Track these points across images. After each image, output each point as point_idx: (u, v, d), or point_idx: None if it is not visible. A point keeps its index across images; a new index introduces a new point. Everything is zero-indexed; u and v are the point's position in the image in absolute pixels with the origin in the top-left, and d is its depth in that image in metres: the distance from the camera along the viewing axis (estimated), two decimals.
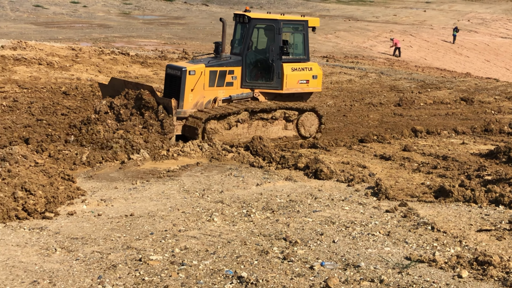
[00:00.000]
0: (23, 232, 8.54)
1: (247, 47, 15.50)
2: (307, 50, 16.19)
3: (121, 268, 7.20)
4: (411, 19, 59.98)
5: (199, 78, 14.85)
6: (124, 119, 14.19)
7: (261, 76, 15.85)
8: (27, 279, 6.83)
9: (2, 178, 10.19)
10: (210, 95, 15.17)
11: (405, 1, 77.34)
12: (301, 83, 16.02)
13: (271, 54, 15.59)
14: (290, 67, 15.77)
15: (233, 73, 15.43)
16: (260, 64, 15.88)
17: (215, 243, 8.13)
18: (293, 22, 16.18)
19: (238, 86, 15.55)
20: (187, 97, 14.74)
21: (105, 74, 23.14)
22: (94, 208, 9.84)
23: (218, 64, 15.27)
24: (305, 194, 10.70)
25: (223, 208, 9.82)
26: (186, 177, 11.87)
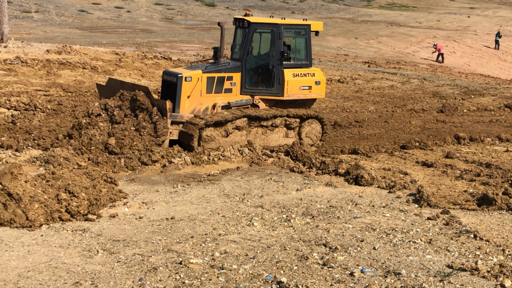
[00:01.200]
0: (66, 233, 8.68)
1: (246, 52, 14.85)
2: (310, 55, 15.50)
3: (161, 271, 7.26)
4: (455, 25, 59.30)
5: (196, 85, 14.28)
6: (117, 121, 13.79)
7: (261, 82, 15.21)
8: (70, 280, 6.93)
9: (47, 180, 10.37)
10: (207, 102, 14.56)
11: (449, 7, 76.50)
12: (303, 89, 15.29)
13: (272, 59, 14.93)
14: (291, 73, 15.08)
15: (232, 79, 14.80)
16: (260, 69, 15.25)
17: (255, 248, 8.14)
18: (294, 27, 15.52)
19: (237, 92, 14.91)
20: (183, 104, 14.21)
21: (148, 78, 23.39)
22: (136, 211, 9.94)
23: (216, 70, 14.70)
24: (345, 200, 10.65)
25: (263, 213, 9.83)
26: (226, 182, 11.92)
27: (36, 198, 9.36)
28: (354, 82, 26.22)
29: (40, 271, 7.15)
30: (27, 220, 8.94)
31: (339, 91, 23.71)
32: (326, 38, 44.80)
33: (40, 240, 8.30)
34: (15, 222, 8.87)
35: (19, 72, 22.29)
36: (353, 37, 46.07)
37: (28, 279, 6.92)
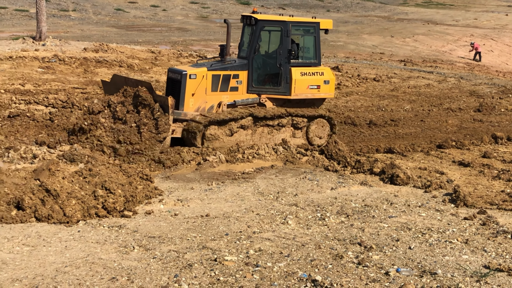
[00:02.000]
0: (102, 229, 8.78)
1: (253, 50, 14.63)
2: (319, 54, 15.20)
3: (196, 268, 7.31)
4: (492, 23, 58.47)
5: (201, 82, 14.10)
6: (120, 117, 13.62)
7: (268, 81, 14.96)
8: (106, 276, 7.01)
9: (84, 177, 10.50)
10: (213, 100, 14.35)
11: (486, 5, 75.45)
12: (311, 89, 14.96)
13: (279, 57, 14.66)
14: (299, 72, 14.77)
15: (238, 77, 14.55)
16: (267, 68, 15.01)
17: (289, 246, 8.14)
18: (303, 24, 15.24)
19: (243, 91, 14.66)
20: (187, 101, 14.02)
21: None
22: (171, 208, 10.02)
23: (222, 68, 14.46)
24: (380, 199, 10.59)
25: (297, 211, 9.83)
26: (260, 180, 11.93)
27: (73, 195, 9.48)
28: (389, 80, 26.03)
29: (77, 267, 7.25)
30: (64, 216, 9.07)
31: (375, 90, 23.57)
32: (362, 36, 44.56)
33: (77, 236, 8.41)
34: (53, 218, 9.01)
35: (57, 70, 22.61)
36: (389, 36, 45.72)
37: (66, 274, 7.02)
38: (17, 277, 6.91)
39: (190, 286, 6.81)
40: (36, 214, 9.04)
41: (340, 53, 36.20)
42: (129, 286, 6.77)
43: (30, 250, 7.77)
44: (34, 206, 9.12)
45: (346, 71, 27.39)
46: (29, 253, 7.69)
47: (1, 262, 7.32)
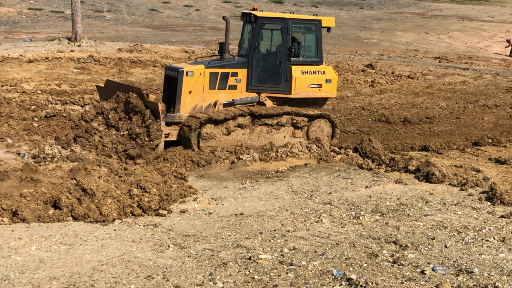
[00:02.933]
0: (138, 228, 8.86)
1: (253, 48, 14.31)
2: (320, 52, 14.87)
3: (231, 266, 7.33)
4: None
5: (198, 80, 13.86)
6: (112, 124, 13.46)
7: (268, 79, 14.65)
8: (142, 274, 7.07)
9: (119, 176, 10.62)
10: (210, 98, 14.11)
11: None
12: (312, 88, 14.68)
13: (279, 55, 14.39)
14: (299, 70, 14.51)
15: (237, 75, 14.29)
16: (267, 66, 14.68)
17: (324, 244, 8.12)
18: (304, 22, 14.89)
19: (242, 89, 14.41)
20: (184, 100, 13.80)
21: None
22: (205, 207, 10.06)
23: (220, 65, 14.21)
24: (415, 198, 10.50)
25: (332, 209, 9.80)
26: (294, 178, 11.93)
27: (109, 194, 9.59)
28: (424, 77, 25.79)
29: (113, 265, 7.32)
30: (100, 215, 9.18)
31: (409, 87, 23.38)
32: (396, 33, 44.22)
33: (113, 235, 8.50)
34: (89, 217, 9.12)
35: (92, 71, 22.87)
36: (423, 32, 45.29)
37: (102, 272, 7.10)
38: (55, 275, 7.01)
39: (225, 285, 6.84)
40: (73, 213, 9.16)
41: (374, 51, 35.97)
42: (164, 284, 6.82)
43: (67, 249, 7.88)
44: (70, 205, 9.25)
45: (380, 68, 27.22)
46: (66, 251, 7.79)
47: (39, 261, 7.43)
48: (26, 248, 7.85)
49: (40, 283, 6.79)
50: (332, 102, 19.89)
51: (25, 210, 9.13)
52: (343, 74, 24.66)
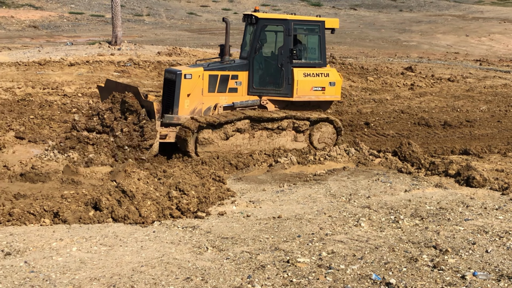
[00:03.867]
0: (176, 230, 8.91)
1: (254, 50, 14.02)
2: (324, 54, 14.50)
3: (269, 269, 7.33)
4: None
5: (197, 83, 13.60)
6: (108, 125, 13.27)
7: (269, 82, 14.31)
8: (181, 276, 7.12)
9: (158, 178, 10.71)
10: (210, 101, 13.82)
11: None
12: (315, 91, 14.27)
13: (280, 57, 14.07)
14: (302, 73, 14.11)
15: (237, 78, 13.98)
16: (269, 68, 14.38)
17: (363, 248, 8.07)
18: (306, 23, 14.58)
19: (243, 92, 14.09)
20: (182, 103, 13.51)
21: None
22: (243, 209, 10.08)
23: (220, 68, 13.93)
24: (456, 202, 10.37)
25: (370, 213, 9.74)
26: (332, 182, 11.88)
27: (148, 196, 9.68)
28: (465, 80, 25.46)
29: (152, 266, 7.38)
30: (140, 217, 9.26)
31: (449, 90, 23.11)
32: (435, 36, 43.77)
33: (152, 236, 8.57)
34: (129, 219, 9.21)
35: (132, 74, 23.11)
36: (463, 35, 44.75)
37: (142, 273, 7.16)
38: (95, 276, 7.09)
39: (263, 287, 6.84)
40: (113, 214, 9.26)
41: (413, 53, 35.67)
42: (203, 286, 6.85)
43: (107, 250, 7.97)
44: (111, 206, 9.35)
45: (419, 71, 26.96)
46: (106, 252, 7.88)
47: (80, 262, 7.53)
48: (67, 249, 7.96)
49: (81, 283, 6.88)
50: (371, 105, 19.78)
51: (66, 212, 9.27)
52: (382, 77, 24.49)
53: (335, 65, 26.48)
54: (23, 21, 45.57)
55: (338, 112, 18.46)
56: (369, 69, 26.18)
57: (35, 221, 9.08)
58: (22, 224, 8.96)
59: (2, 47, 30.98)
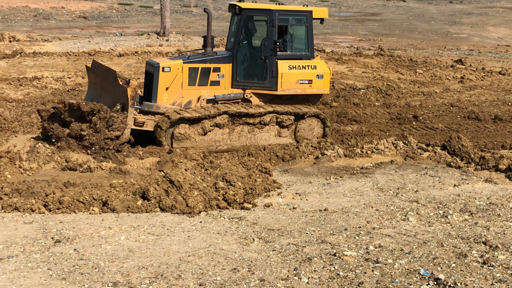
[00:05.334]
0: (223, 221, 8.95)
1: (238, 41, 13.44)
2: (311, 46, 13.85)
3: (316, 262, 7.31)
4: None
5: (176, 76, 13.12)
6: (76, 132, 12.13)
7: (253, 74, 13.75)
8: (228, 266, 7.15)
9: (205, 169, 10.76)
10: (190, 94, 13.32)
11: None
12: (301, 84, 13.66)
13: (264, 49, 13.48)
14: (287, 65, 13.53)
15: (219, 70, 13.47)
16: (252, 61, 13.81)
17: (411, 243, 7.98)
18: (292, 13, 13.98)
19: (226, 85, 13.57)
20: (160, 96, 13.07)
21: None
22: (290, 201, 10.07)
23: (200, 60, 13.40)
24: (506, 197, 10.17)
25: (418, 208, 9.62)
26: (379, 175, 11.77)
27: (195, 186, 9.73)
28: None
29: (199, 256, 7.43)
30: (187, 207, 9.33)
31: (500, 84, 22.64)
32: (486, 28, 42.96)
33: (199, 226, 8.62)
34: (176, 209, 9.28)
35: None
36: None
37: (189, 263, 7.21)
38: (143, 265, 7.17)
39: (310, 280, 6.82)
40: (160, 204, 9.35)
41: (463, 46, 35.06)
42: (250, 277, 6.86)
43: (155, 239, 8.05)
44: (158, 196, 9.44)
45: (469, 64, 26.51)
46: (154, 242, 7.96)
47: (128, 250, 7.62)
48: (115, 237, 8.07)
49: (129, 272, 6.97)
50: (419, 98, 19.52)
51: (114, 200, 9.39)
52: (431, 69, 24.14)
53: (383, 57, 26.23)
54: (73, 12, 46.28)
55: (386, 105, 18.28)
56: (418, 61, 25.83)
57: (84, 209, 9.23)
58: (71, 212, 9.12)
59: (53, 37, 31.54)
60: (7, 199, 9.40)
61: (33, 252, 7.54)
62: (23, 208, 9.11)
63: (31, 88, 18.26)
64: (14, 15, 43.70)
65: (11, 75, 20.06)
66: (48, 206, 9.20)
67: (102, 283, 6.70)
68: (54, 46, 27.55)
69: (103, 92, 13.07)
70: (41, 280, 6.76)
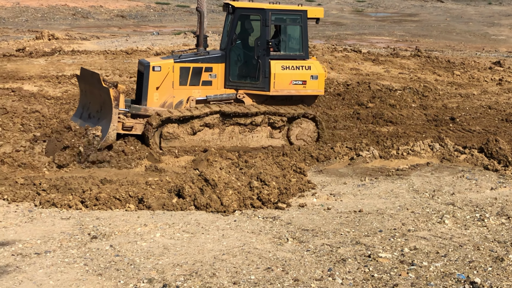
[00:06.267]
0: (257, 220, 8.97)
1: (231, 41, 13.21)
2: (306, 46, 13.52)
3: (350, 263, 7.29)
4: None
5: (167, 75, 12.91)
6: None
7: (246, 75, 13.48)
8: (262, 265, 7.16)
9: (240, 168, 10.80)
10: (181, 94, 13.08)
11: None
12: (295, 84, 13.33)
13: (257, 49, 13.19)
14: (280, 65, 13.23)
15: (211, 70, 13.22)
16: (245, 61, 13.57)
17: (446, 246, 7.91)
18: (286, 13, 13.66)
19: (219, 85, 13.31)
20: (151, 96, 12.87)
21: (337, 71, 23.48)
22: (324, 202, 10.05)
23: (192, 60, 13.17)
24: None
25: (455, 210, 9.52)
26: (415, 177, 11.68)
27: (230, 185, 9.77)
28: None
29: (234, 255, 7.46)
30: (221, 206, 9.37)
31: None
32: None
33: (234, 225, 8.66)
34: (211, 207, 9.33)
35: None
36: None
37: (223, 261, 7.25)
38: (178, 262, 7.23)
39: (344, 281, 6.81)
40: (195, 202, 9.41)
41: (502, 48, 34.58)
42: (284, 277, 6.87)
43: (190, 237, 8.10)
44: (193, 194, 9.50)
45: (508, 66, 26.11)
46: (189, 239, 8.02)
47: (163, 247, 7.69)
48: (151, 234, 8.15)
49: (164, 269, 7.03)
50: (457, 100, 19.31)
51: (150, 198, 9.49)
52: (469, 71, 23.85)
53: (420, 58, 26.01)
54: (111, 11, 46.77)
55: (423, 107, 18.12)
56: (455, 63, 25.55)
57: (120, 206, 9.34)
58: (108, 209, 9.23)
59: (91, 36, 31.91)
60: (45, 195, 9.56)
61: (70, 247, 7.65)
62: (61, 204, 9.24)
63: (69, 85, 18.48)
64: (54, 14, 44.34)
65: (50, 72, 20.34)
66: (85, 202, 9.33)
67: (138, 279, 6.77)
68: (92, 44, 27.87)
69: (92, 98, 12.97)
70: (78, 275, 6.86)
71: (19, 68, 20.61)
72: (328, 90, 19.49)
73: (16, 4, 45.72)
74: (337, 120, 16.25)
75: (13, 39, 29.40)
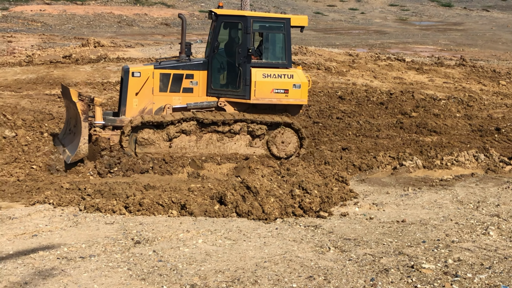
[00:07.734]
0: (298, 228, 8.96)
1: (213, 48, 13.08)
2: (289, 54, 13.28)
3: (393, 273, 7.22)
4: None
5: (147, 81, 12.81)
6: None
7: (227, 82, 13.34)
8: (303, 274, 7.15)
9: (282, 176, 10.81)
10: (161, 101, 12.93)
11: None
12: (276, 93, 13.07)
13: (238, 56, 13.02)
14: (261, 73, 13.00)
15: (193, 77, 13.08)
16: (226, 68, 13.39)
17: (491, 258, 7.79)
18: (268, 20, 13.51)
19: (200, 93, 13.13)
20: (130, 102, 12.76)
21: (380, 80, 23.36)
22: (366, 211, 9.99)
23: (172, 66, 13.07)
24: None
25: (500, 222, 9.37)
26: (459, 188, 11.53)
27: (271, 193, 9.79)
28: None
29: (275, 263, 7.47)
30: (263, 213, 9.39)
31: None
32: None
33: (275, 233, 8.66)
34: (252, 214, 9.36)
35: None
36: None
37: (265, 269, 7.26)
38: (220, 268, 7.26)
39: None
40: (237, 209, 9.45)
41: None
42: (325, 286, 6.85)
43: (232, 244, 8.14)
44: (235, 201, 9.54)
45: None
46: (231, 246, 8.05)
47: (205, 254, 7.74)
48: (193, 240, 8.21)
49: (206, 275, 7.07)
50: (502, 110, 19.02)
51: (192, 204, 9.56)
52: None
53: (465, 68, 25.70)
54: (155, 19, 47.34)
55: (467, 116, 17.89)
56: (501, 72, 25.18)
57: (163, 212, 9.42)
58: (151, 214, 9.33)
59: (136, 43, 32.33)
60: (89, 200, 9.71)
61: (114, 252, 7.75)
62: (105, 209, 9.37)
63: (115, 92, 18.76)
64: (99, 21, 45.06)
65: (95, 79, 20.69)
66: (128, 208, 9.44)
67: (180, 285, 6.82)
68: (136, 51, 28.24)
69: (71, 113, 12.93)
70: (121, 279, 6.94)
71: (65, 75, 21.01)
72: (371, 99, 19.40)
73: (63, 11, 46.60)
74: (380, 129, 16.16)
75: (60, 46, 29.96)
